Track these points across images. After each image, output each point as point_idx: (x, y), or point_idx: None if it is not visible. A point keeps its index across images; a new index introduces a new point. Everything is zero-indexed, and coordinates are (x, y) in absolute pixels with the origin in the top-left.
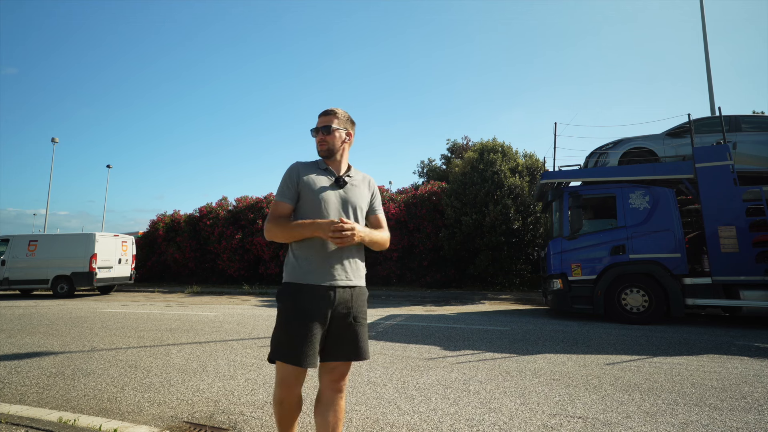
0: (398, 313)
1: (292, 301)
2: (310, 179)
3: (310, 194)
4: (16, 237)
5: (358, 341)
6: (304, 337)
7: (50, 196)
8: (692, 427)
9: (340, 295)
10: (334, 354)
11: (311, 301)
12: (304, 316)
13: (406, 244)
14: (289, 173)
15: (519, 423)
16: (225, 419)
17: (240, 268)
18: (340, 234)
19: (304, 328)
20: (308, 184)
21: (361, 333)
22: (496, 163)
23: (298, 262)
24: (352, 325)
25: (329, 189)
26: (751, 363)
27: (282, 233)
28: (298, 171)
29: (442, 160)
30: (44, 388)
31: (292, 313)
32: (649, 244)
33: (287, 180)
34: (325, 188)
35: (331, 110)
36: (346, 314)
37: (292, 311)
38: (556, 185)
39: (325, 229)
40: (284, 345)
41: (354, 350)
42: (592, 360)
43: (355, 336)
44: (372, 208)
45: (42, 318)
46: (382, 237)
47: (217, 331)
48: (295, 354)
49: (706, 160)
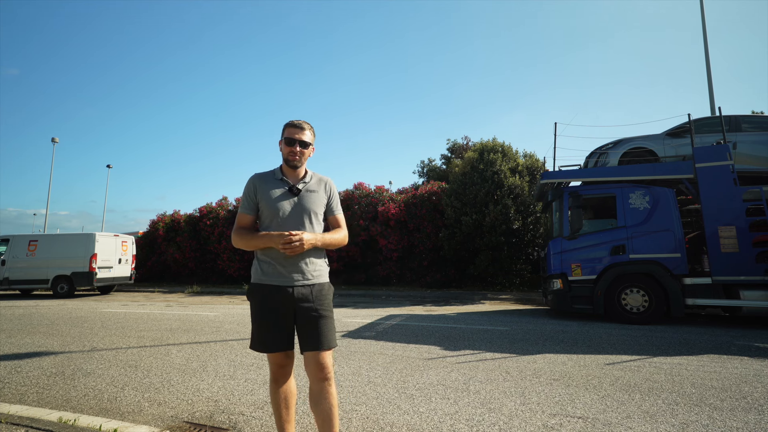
0: (398, 313)
1: (256, 299)
2: (266, 191)
3: (267, 205)
4: (16, 237)
5: (321, 331)
6: (266, 328)
7: (51, 197)
8: (692, 427)
9: (299, 292)
10: (307, 345)
11: (271, 299)
12: (265, 311)
13: (406, 244)
14: (248, 187)
15: (519, 423)
16: (225, 419)
17: (240, 268)
18: (289, 246)
19: (265, 320)
20: (265, 195)
21: (322, 324)
22: (496, 163)
23: (261, 266)
24: (315, 318)
25: (284, 199)
26: (751, 363)
27: (244, 243)
28: (255, 184)
29: (442, 160)
30: (44, 388)
31: (257, 309)
32: (649, 244)
33: (247, 193)
34: (280, 198)
35: (306, 124)
36: (308, 308)
37: (256, 307)
38: (556, 185)
39: (277, 242)
40: (254, 335)
41: (318, 340)
42: (592, 360)
43: (318, 326)
44: (330, 209)
45: (42, 318)
46: (334, 238)
47: (217, 331)
48: (260, 342)
49: (706, 160)
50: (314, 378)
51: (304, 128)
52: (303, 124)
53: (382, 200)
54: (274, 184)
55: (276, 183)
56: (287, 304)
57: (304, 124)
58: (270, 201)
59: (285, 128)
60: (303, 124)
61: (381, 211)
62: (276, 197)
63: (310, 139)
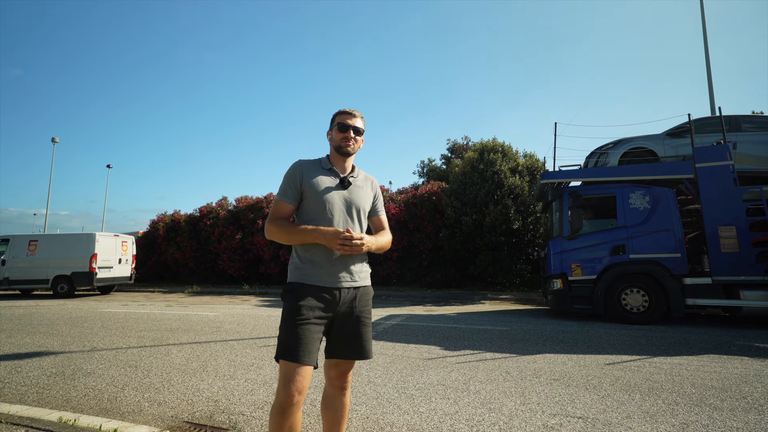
0: (398, 313)
1: (294, 301)
2: (314, 180)
3: (314, 195)
4: (16, 237)
5: (362, 340)
6: (303, 336)
7: (51, 197)
8: (692, 427)
9: (344, 295)
10: (338, 352)
11: (313, 301)
12: (305, 315)
13: (406, 244)
14: (293, 172)
15: (519, 423)
16: (225, 419)
17: (240, 268)
18: (350, 244)
19: (304, 326)
20: (313, 184)
21: (364, 332)
22: (496, 163)
23: (302, 263)
24: (356, 324)
25: (334, 190)
26: (751, 363)
27: (283, 235)
28: (302, 170)
29: (442, 160)
30: (44, 388)
31: (295, 312)
32: (649, 244)
33: (290, 179)
34: (330, 189)
35: (358, 112)
36: (349, 313)
37: (294, 310)
38: (556, 185)
39: (331, 239)
40: (285, 342)
41: (357, 349)
42: (592, 360)
43: (358, 335)
44: (374, 209)
45: (42, 318)
46: (386, 242)
47: (217, 331)
48: (294, 351)
49: (706, 160)
50: (333, 384)
51: (356, 115)
52: (355, 112)
53: None
54: (322, 173)
55: (324, 172)
56: (330, 307)
57: (355, 112)
58: (318, 191)
59: (336, 116)
60: (355, 112)
61: None
62: (325, 187)
63: (362, 127)
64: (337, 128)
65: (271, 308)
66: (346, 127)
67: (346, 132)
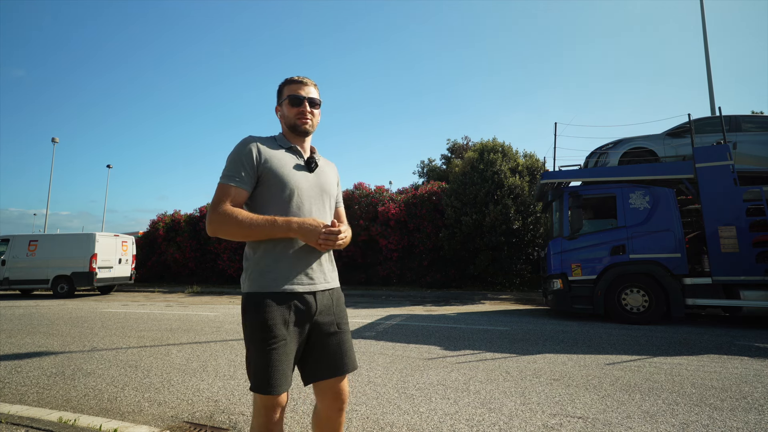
0: (398, 313)
1: (262, 318)
2: (275, 160)
3: (276, 179)
4: (16, 237)
5: (347, 350)
6: (277, 362)
7: (52, 197)
8: (692, 427)
9: (319, 300)
10: (325, 371)
11: (286, 313)
12: (278, 334)
13: (406, 244)
14: (246, 151)
15: (519, 423)
16: (225, 419)
17: (240, 268)
18: (333, 239)
19: (278, 350)
20: (274, 165)
21: (347, 341)
22: (496, 163)
23: (266, 266)
24: (338, 334)
25: (300, 173)
26: (751, 363)
27: (239, 229)
28: (258, 148)
29: (442, 160)
30: (44, 388)
31: (265, 333)
32: (649, 244)
33: (244, 158)
34: (295, 172)
35: (310, 80)
36: (329, 322)
37: (263, 330)
38: (556, 185)
39: (309, 233)
40: (259, 372)
41: (344, 362)
42: (592, 360)
43: (342, 345)
44: (337, 198)
45: (42, 318)
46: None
47: (217, 331)
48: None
49: (706, 160)
50: (331, 408)
51: (309, 83)
52: (306, 80)
53: (382, 200)
54: (282, 152)
55: (284, 151)
56: (306, 317)
57: (307, 80)
58: (282, 174)
59: (284, 87)
60: (306, 79)
61: (381, 211)
62: (290, 170)
63: (318, 97)
64: (288, 102)
65: None
66: (300, 100)
67: (300, 106)
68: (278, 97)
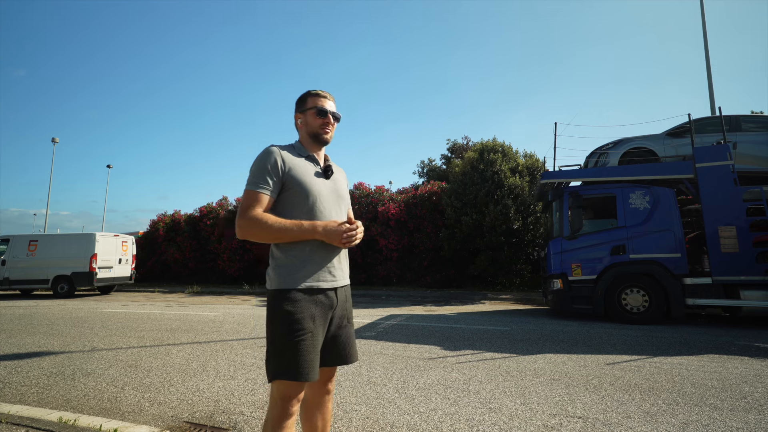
0: (398, 313)
1: (292, 311)
2: (298, 168)
3: (300, 186)
4: (16, 237)
5: (352, 343)
6: (307, 351)
7: (53, 197)
8: (692, 427)
9: (339, 295)
10: (335, 359)
11: (313, 308)
12: (307, 327)
13: (406, 244)
14: (271, 159)
15: (519, 423)
16: (225, 419)
17: (240, 268)
18: (354, 236)
19: (307, 340)
20: (297, 173)
21: (353, 334)
22: (496, 163)
23: (293, 263)
24: (346, 327)
25: (319, 180)
26: (751, 363)
27: (268, 233)
28: (282, 157)
29: (442, 160)
30: (44, 388)
31: (295, 325)
32: (649, 244)
33: (271, 167)
34: (316, 180)
35: (330, 94)
36: (342, 316)
37: (294, 323)
38: (557, 185)
39: (333, 234)
40: (286, 361)
41: (348, 352)
42: (592, 360)
43: (348, 338)
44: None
45: (42, 318)
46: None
47: (217, 331)
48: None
49: (706, 160)
50: (319, 392)
51: (331, 98)
52: (329, 95)
53: (382, 200)
54: (302, 161)
55: (304, 160)
56: (328, 311)
57: (329, 95)
58: (305, 181)
59: (308, 98)
60: (328, 94)
61: (381, 211)
62: (311, 177)
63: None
64: (314, 113)
65: None
66: (325, 112)
67: (325, 117)
68: (299, 106)
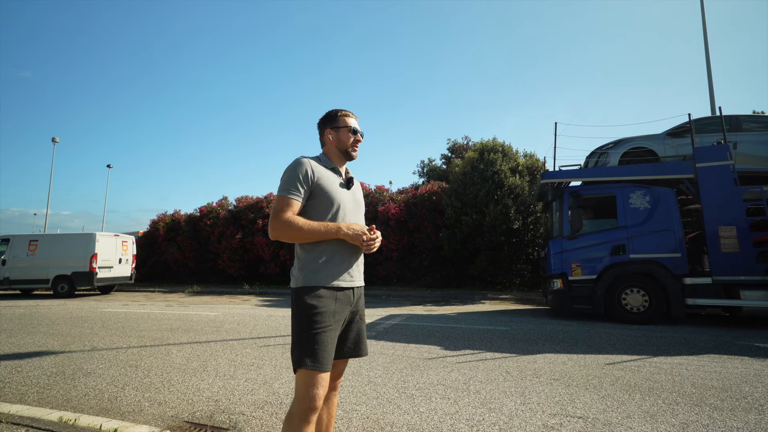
0: (398, 313)
1: (316, 306)
2: (325, 178)
3: (326, 195)
4: (16, 237)
5: (363, 338)
6: (327, 342)
7: (53, 197)
8: (692, 427)
9: (356, 294)
10: (349, 352)
11: (333, 304)
12: (327, 321)
13: (406, 244)
14: (302, 169)
15: (519, 423)
16: (225, 419)
17: (240, 268)
18: (373, 243)
19: (327, 333)
20: (324, 183)
21: (364, 330)
22: (496, 162)
23: (317, 264)
24: (358, 323)
25: (342, 191)
26: (751, 363)
27: (299, 233)
28: (312, 167)
29: (442, 160)
30: (45, 388)
31: (318, 318)
32: (649, 243)
33: (301, 176)
34: (340, 189)
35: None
36: (355, 312)
37: (317, 316)
38: (557, 185)
39: (356, 238)
40: (310, 350)
41: (359, 347)
42: (592, 360)
43: (360, 333)
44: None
45: (42, 318)
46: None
47: (217, 331)
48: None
49: (706, 160)
50: (330, 386)
51: (356, 118)
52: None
53: (382, 200)
54: (329, 172)
55: (330, 171)
56: (346, 308)
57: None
58: (331, 191)
59: (341, 117)
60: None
61: (381, 211)
62: (336, 187)
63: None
64: (349, 131)
65: (272, 308)
66: (357, 132)
67: (356, 135)
68: (331, 122)
